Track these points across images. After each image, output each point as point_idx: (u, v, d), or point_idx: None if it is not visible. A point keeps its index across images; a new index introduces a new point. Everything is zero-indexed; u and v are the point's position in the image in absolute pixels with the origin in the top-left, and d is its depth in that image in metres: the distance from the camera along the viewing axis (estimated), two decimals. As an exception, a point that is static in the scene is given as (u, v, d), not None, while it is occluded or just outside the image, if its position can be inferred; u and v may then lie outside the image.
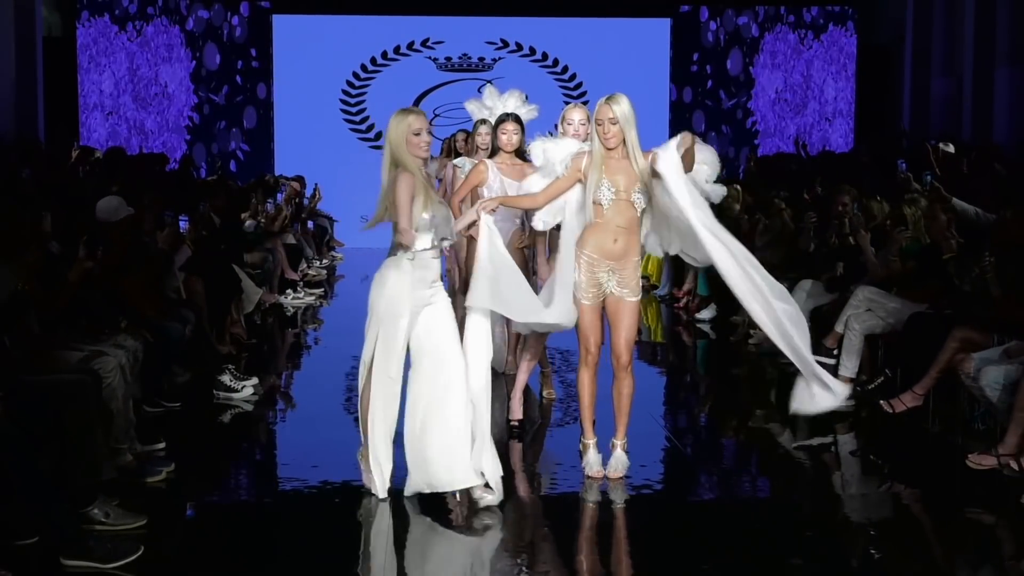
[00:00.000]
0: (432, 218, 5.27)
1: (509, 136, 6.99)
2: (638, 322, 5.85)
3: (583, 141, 6.10)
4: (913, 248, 7.91)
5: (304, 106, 18.14)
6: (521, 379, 6.79)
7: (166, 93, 18.04)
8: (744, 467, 6.47)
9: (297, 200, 15.63)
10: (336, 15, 18.25)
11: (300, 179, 16.69)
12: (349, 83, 18.40)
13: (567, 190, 5.72)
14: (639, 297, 5.70)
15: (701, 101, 18.34)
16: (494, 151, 7.08)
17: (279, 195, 13.55)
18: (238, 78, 18.25)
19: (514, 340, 8.09)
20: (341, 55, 18.23)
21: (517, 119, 7.06)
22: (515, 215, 6.96)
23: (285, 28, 18.30)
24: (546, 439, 6.80)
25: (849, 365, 7.68)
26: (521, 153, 6.99)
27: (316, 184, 16.79)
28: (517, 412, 6.74)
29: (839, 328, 7.78)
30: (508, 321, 7.77)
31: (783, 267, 8.95)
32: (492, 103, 7.84)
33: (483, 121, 7.78)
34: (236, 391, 7.61)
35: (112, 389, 5.74)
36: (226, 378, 7.65)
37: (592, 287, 5.64)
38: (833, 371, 7.53)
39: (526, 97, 7.52)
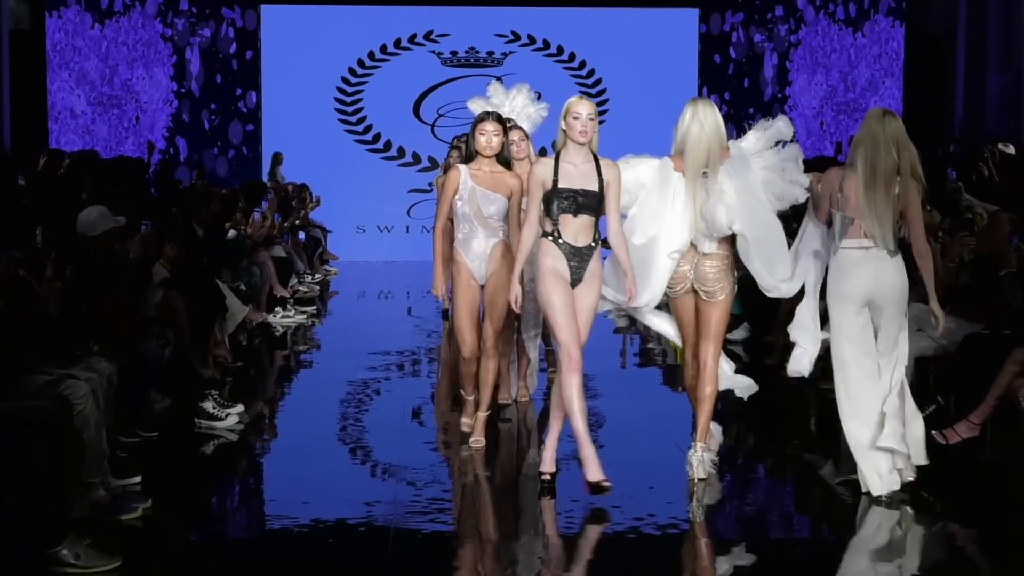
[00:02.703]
0: None
1: (488, 138, 6.80)
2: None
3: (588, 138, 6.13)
4: (970, 260, 7.89)
5: (295, 105, 18.20)
6: (555, 429, 6.27)
7: (144, 91, 18.11)
8: (779, 504, 6.45)
9: (299, 204, 15.67)
10: (330, 5, 18.32)
11: (304, 187, 16.74)
12: (345, 80, 18.45)
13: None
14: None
15: (734, 106, 18.35)
16: (469, 157, 6.94)
17: (263, 202, 13.56)
18: (219, 76, 18.32)
19: (525, 367, 8.11)
20: (336, 49, 18.29)
21: (500, 119, 6.91)
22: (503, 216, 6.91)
23: (274, 19, 18.37)
24: (562, 473, 6.80)
25: (898, 391, 7.64)
26: (505, 160, 6.90)
27: (317, 196, 16.86)
28: (550, 465, 6.21)
29: None
30: (519, 351, 7.84)
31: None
32: (499, 101, 7.86)
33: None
34: (220, 419, 7.61)
35: (84, 417, 5.74)
36: (209, 405, 7.65)
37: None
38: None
39: (538, 95, 7.54)
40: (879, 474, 6.05)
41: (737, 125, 18.04)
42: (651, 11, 18.39)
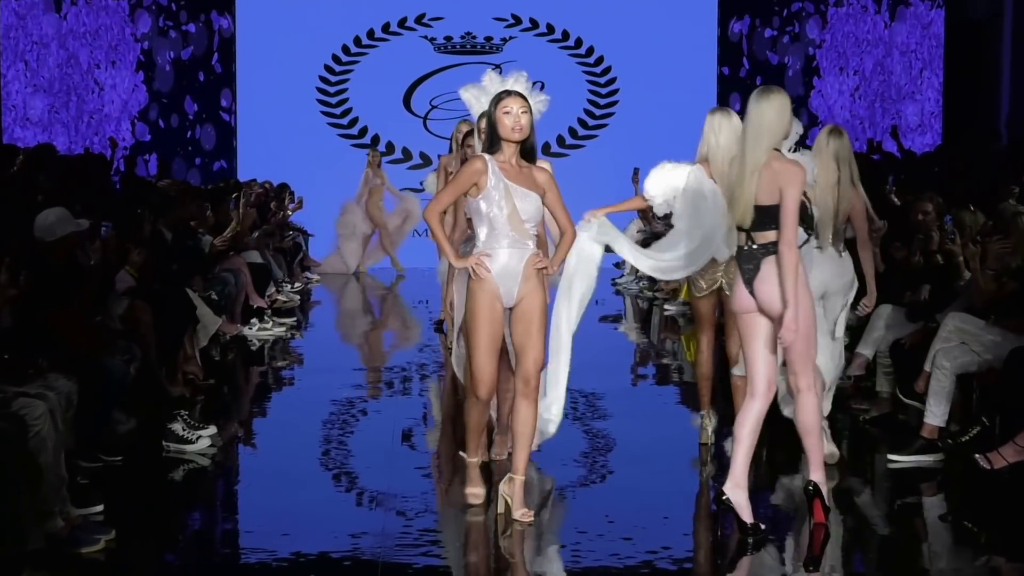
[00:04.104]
0: None
1: (515, 117, 6.47)
2: None
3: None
4: (1018, 266, 7.88)
5: (272, 96, 18.20)
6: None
7: (106, 80, 18.13)
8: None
9: (278, 205, 15.66)
10: (312, -14, 18.36)
11: (283, 187, 16.73)
12: (328, 68, 18.48)
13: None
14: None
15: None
16: (490, 144, 6.90)
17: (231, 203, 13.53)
18: (191, 61, 18.34)
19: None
20: (318, 34, 18.32)
21: (524, 96, 6.84)
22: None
23: (250, 1, 18.37)
24: (569, 500, 6.80)
25: (937, 411, 7.65)
26: (531, 148, 6.87)
27: (299, 197, 16.87)
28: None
29: (928, 367, 7.77)
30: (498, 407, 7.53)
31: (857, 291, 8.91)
32: (493, 91, 7.79)
33: (484, 116, 7.67)
34: (190, 442, 7.61)
35: (40, 439, 5.74)
36: (178, 427, 7.65)
37: None
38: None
39: (541, 85, 7.51)
40: None
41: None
42: (666, -8, 18.41)
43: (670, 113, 17.12)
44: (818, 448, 6.05)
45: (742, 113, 6.19)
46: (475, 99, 7.53)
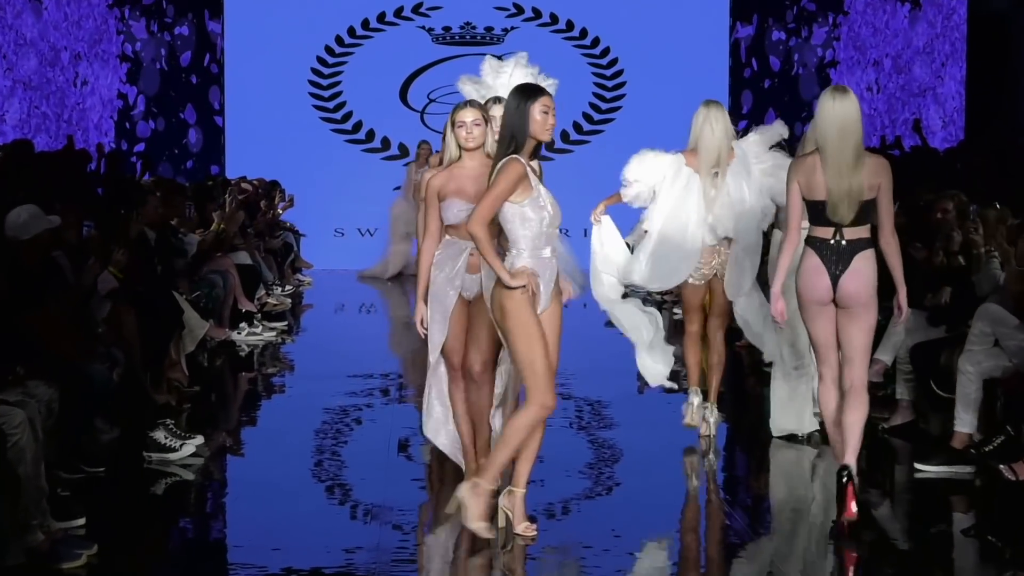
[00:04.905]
0: None
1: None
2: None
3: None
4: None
5: (262, 90, 18.21)
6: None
7: (89, 70, 18.13)
8: (830, 552, 6.45)
9: (267, 204, 15.65)
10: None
11: (274, 185, 16.72)
12: (321, 60, 18.48)
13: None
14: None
15: (775, 86, 18.37)
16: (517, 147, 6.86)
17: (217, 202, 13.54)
18: (178, 52, 18.36)
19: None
20: (310, 24, 18.32)
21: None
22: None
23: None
24: (571, 516, 6.80)
25: (966, 418, 7.63)
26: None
27: (290, 194, 16.86)
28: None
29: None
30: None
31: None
32: (493, 81, 7.70)
33: (492, 101, 7.59)
34: (173, 450, 7.62)
35: (19, 450, 5.75)
36: (163, 436, 7.65)
37: None
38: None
39: (554, 76, 7.46)
40: None
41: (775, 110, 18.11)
42: (675, -19, 18.42)
43: (681, 107, 17.02)
44: (858, 436, 6.33)
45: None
46: (475, 91, 7.50)
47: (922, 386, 8.32)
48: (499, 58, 7.96)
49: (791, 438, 8.09)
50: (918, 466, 7.43)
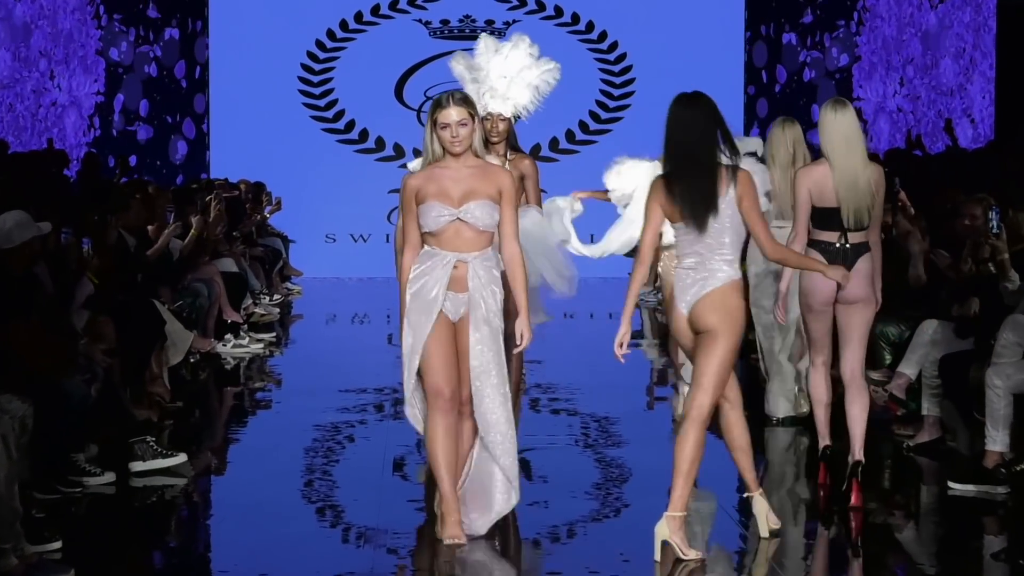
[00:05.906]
0: None
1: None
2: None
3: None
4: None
5: (249, 87, 18.23)
6: None
7: (64, 76, 18.16)
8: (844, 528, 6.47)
9: (254, 207, 15.64)
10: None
11: (260, 187, 16.72)
12: (311, 55, 18.52)
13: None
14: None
15: (791, 81, 18.39)
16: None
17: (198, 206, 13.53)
18: (161, 52, 18.38)
19: None
20: (300, 17, 18.35)
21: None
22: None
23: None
24: (578, 539, 6.81)
25: (996, 436, 7.62)
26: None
27: (277, 197, 16.87)
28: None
29: None
30: None
31: (897, 303, 8.92)
32: (487, 62, 7.60)
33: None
34: (144, 460, 7.64)
35: (-9, 469, 5.75)
36: (144, 453, 7.66)
37: None
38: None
39: (556, 60, 7.43)
40: None
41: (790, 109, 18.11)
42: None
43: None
44: (862, 428, 7.03)
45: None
46: (466, 71, 7.43)
47: (951, 401, 8.32)
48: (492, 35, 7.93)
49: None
50: (952, 485, 7.43)
